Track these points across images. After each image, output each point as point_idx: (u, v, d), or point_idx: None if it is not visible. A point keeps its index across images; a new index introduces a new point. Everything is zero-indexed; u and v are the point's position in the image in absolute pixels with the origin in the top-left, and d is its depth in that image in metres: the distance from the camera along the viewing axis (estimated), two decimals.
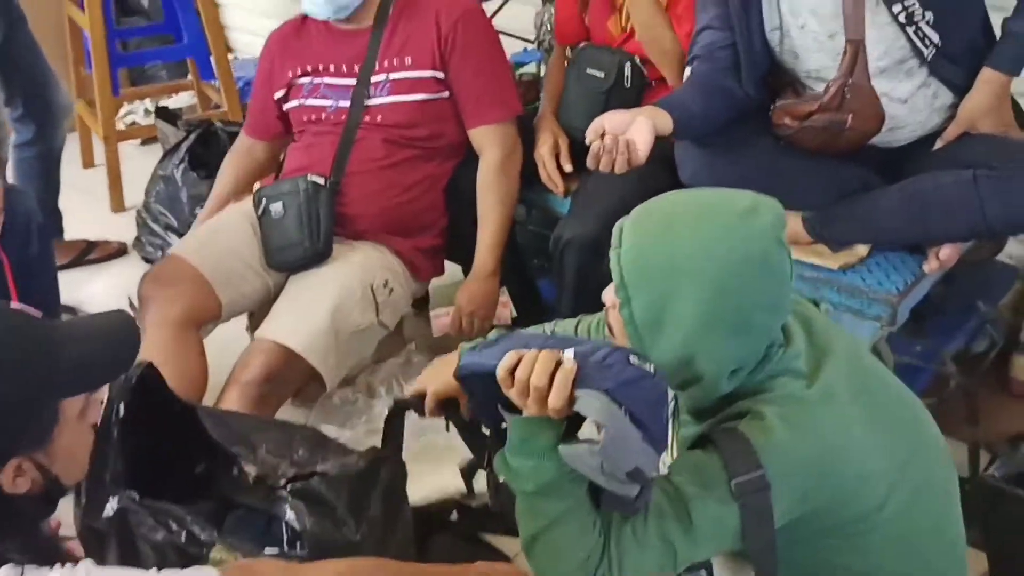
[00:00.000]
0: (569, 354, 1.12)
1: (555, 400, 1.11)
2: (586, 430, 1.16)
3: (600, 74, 2.17)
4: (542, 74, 2.76)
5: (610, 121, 1.73)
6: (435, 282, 2.40)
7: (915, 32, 1.78)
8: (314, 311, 2.03)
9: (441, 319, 2.22)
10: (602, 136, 1.72)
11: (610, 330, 1.28)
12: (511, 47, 2.63)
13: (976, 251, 1.99)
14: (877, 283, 1.84)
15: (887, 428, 1.23)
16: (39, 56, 2.55)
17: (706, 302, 1.16)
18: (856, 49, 1.77)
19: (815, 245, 1.90)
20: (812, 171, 1.92)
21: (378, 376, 2.34)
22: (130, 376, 1.47)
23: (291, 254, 2.14)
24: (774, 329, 1.21)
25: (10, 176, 2.70)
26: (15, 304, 1.48)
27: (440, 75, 2.15)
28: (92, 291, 2.83)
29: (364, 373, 2.36)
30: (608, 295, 1.24)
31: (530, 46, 2.86)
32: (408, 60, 2.15)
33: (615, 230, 1.23)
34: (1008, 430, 2.01)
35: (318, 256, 2.13)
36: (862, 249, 1.90)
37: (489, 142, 2.19)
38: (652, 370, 1.13)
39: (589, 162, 1.75)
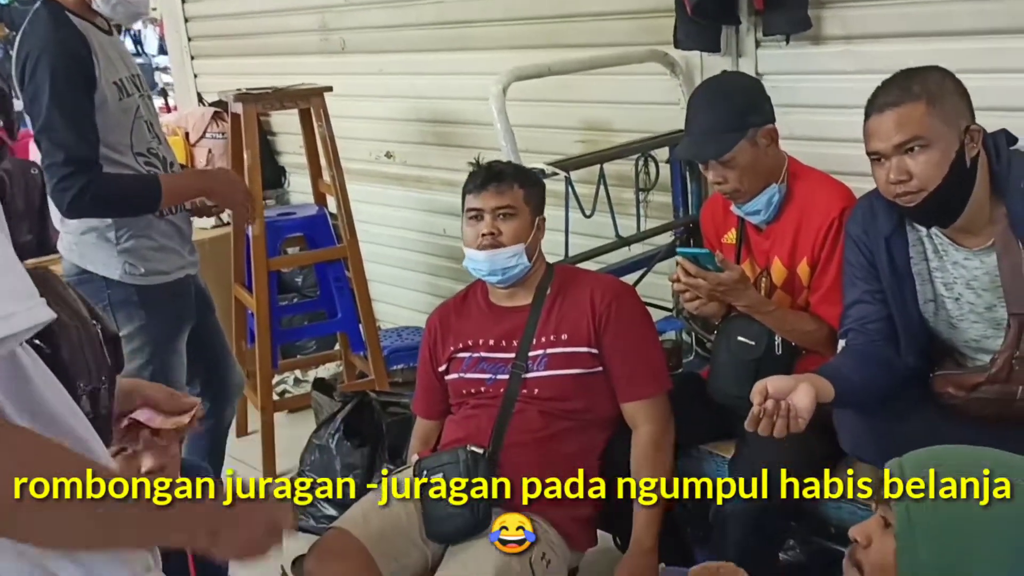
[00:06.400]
0: None
1: None
2: None
3: (751, 342, 2.21)
4: (683, 341, 2.85)
5: (773, 385, 1.75)
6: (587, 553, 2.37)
7: None
8: None
9: None
10: (764, 399, 1.75)
11: (858, 570, 1.26)
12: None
13: None
14: None
15: None
16: (222, 339, 2.77)
17: (1008, 568, 1.15)
18: (1021, 323, 1.77)
19: None
20: (978, 440, 1.87)
21: None
22: None
23: (451, 525, 2.15)
24: None
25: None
26: None
27: (595, 351, 2.24)
28: None
29: None
30: (861, 532, 1.22)
31: (669, 315, 2.97)
32: (564, 336, 2.25)
33: (892, 468, 1.23)
34: None
35: (477, 526, 2.13)
36: None
37: (643, 417, 2.23)
38: None
39: (748, 424, 1.76)
